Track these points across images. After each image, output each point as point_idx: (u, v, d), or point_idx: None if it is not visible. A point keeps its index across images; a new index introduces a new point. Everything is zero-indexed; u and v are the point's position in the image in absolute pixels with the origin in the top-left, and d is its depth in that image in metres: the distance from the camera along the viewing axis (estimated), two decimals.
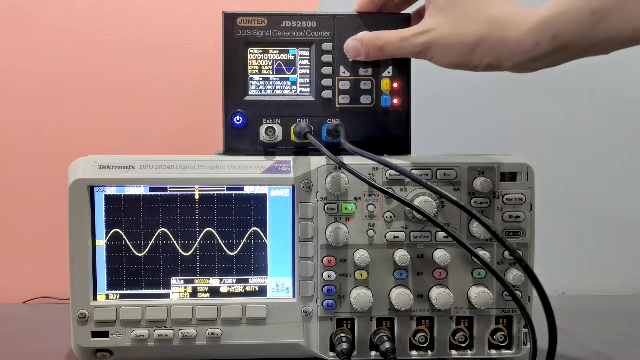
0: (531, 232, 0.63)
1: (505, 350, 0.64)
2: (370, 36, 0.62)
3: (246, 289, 0.64)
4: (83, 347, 0.63)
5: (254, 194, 0.64)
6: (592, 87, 1.01)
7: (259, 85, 0.66)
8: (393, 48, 0.61)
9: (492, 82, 1.00)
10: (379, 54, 0.62)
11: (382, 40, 0.61)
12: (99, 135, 0.96)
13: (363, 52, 0.63)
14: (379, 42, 0.61)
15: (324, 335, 0.63)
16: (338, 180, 0.61)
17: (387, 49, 0.61)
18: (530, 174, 0.63)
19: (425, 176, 0.62)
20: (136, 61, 0.96)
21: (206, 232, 0.64)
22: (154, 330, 0.62)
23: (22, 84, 0.95)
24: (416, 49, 0.59)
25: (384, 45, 0.61)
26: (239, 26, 0.65)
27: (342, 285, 0.63)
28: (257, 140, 0.65)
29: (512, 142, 0.97)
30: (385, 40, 0.61)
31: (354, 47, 0.63)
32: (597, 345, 0.72)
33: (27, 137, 0.95)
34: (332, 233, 0.61)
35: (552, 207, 0.96)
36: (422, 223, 0.63)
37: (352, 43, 0.63)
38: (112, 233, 0.63)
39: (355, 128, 0.66)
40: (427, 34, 0.58)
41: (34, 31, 0.95)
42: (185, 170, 0.63)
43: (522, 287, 0.63)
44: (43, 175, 0.95)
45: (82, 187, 0.62)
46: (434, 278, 0.63)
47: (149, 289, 0.64)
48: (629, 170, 1.01)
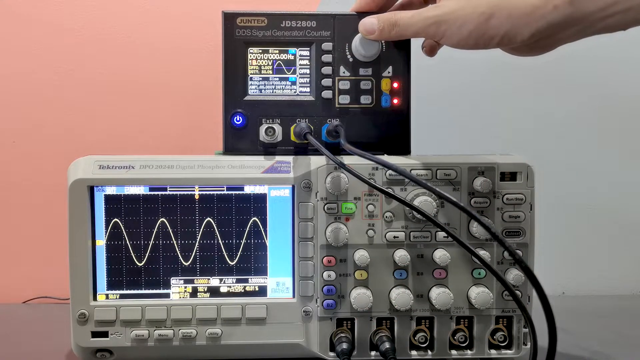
0: (531, 232, 0.63)
1: (505, 350, 0.64)
2: (387, 13, 0.61)
3: (246, 289, 0.64)
4: (83, 347, 0.63)
5: (254, 194, 0.64)
6: (592, 86, 1.01)
7: (259, 85, 0.66)
8: (406, 24, 0.59)
9: (492, 82, 1.00)
10: (393, 30, 0.60)
11: (397, 15, 0.60)
12: (99, 135, 0.96)
13: (378, 29, 0.61)
14: (394, 17, 0.60)
15: (324, 335, 0.63)
16: (338, 181, 0.61)
17: (400, 25, 0.59)
18: (530, 174, 0.63)
19: (425, 176, 0.62)
20: (136, 61, 0.96)
21: (206, 232, 0.64)
22: (154, 330, 0.62)
23: (22, 84, 0.95)
24: (428, 22, 0.57)
25: (397, 20, 0.59)
26: (239, 26, 0.65)
27: (342, 285, 0.63)
28: (257, 141, 0.65)
29: (512, 142, 0.97)
30: (399, 16, 0.60)
31: (370, 22, 0.61)
32: (597, 345, 0.72)
33: (27, 137, 0.95)
34: (332, 233, 0.61)
35: (552, 207, 0.96)
36: (422, 223, 0.63)
37: (368, 20, 0.62)
38: (112, 233, 0.63)
39: (355, 128, 0.66)
40: (440, 8, 0.57)
41: (34, 31, 0.95)
42: (185, 170, 0.63)
43: (522, 287, 0.63)
44: (43, 175, 0.95)
45: (82, 187, 0.62)
46: (434, 278, 0.63)
47: (149, 289, 0.64)
48: (629, 170, 1.01)
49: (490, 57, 0.96)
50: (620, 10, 0.50)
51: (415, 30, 0.59)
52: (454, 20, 0.55)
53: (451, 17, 0.56)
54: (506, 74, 1.00)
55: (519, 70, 0.99)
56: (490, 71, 0.99)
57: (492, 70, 0.99)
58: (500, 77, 1.00)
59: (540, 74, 1.00)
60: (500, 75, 1.00)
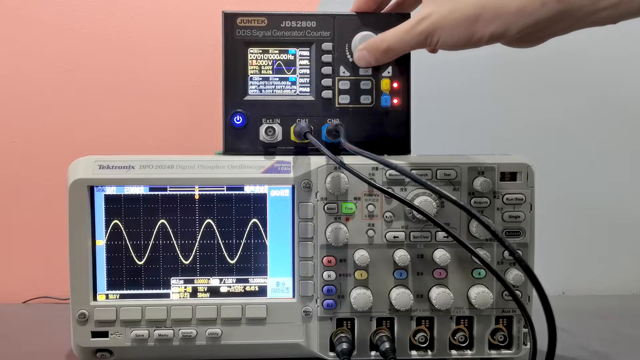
0: (531, 232, 0.63)
1: (505, 350, 0.64)
2: (373, 41, 0.61)
3: (246, 289, 0.64)
4: (83, 347, 0.63)
5: (254, 194, 0.64)
6: (593, 86, 1.01)
7: (259, 85, 0.66)
8: (398, 45, 0.59)
9: (492, 82, 1.00)
10: (387, 55, 0.61)
11: (386, 41, 0.60)
12: (99, 135, 0.96)
13: (372, 59, 0.61)
14: (383, 44, 0.60)
15: (324, 335, 0.63)
16: (338, 180, 0.61)
17: (393, 48, 0.60)
18: (530, 174, 0.63)
19: (425, 176, 0.62)
20: (136, 61, 0.96)
21: (206, 232, 0.64)
22: (154, 330, 0.62)
23: (22, 84, 0.95)
24: (421, 36, 0.57)
25: (388, 45, 0.60)
26: (239, 26, 0.65)
27: (342, 285, 0.63)
28: (257, 140, 0.65)
29: (512, 141, 0.97)
30: (389, 41, 0.60)
31: (363, 57, 0.62)
32: (597, 345, 0.72)
33: (27, 137, 0.95)
34: (332, 233, 0.61)
35: (552, 207, 0.96)
36: (422, 223, 0.63)
37: (359, 54, 0.62)
38: (112, 233, 0.63)
39: (355, 128, 0.66)
40: (427, 19, 0.57)
41: (34, 31, 0.95)
42: (185, 170, 0.63)
43: (522, 287, 0.63)
44: (43, 175, 0.95)
45: (82, 187, 0.62)
46: (434, 278, 0.63)
47: (149, 289, 0.64)
48: (630, 170, 1.01)
49: (491, 57, 0.97)
50: (611, 5, 0.49)
51: (412, 46, 0.59)
52: (444, 27, 0.56)
53: (441, 25, 0.56)
54: (506, 74, 1.00)
55: (519, 70, 0.99)
56: (490, 71, 0.99)
57: (492, 70, 0.99)
58: (500, 77, 1.00)
59: (540, 74, 1.00)
60: (500, 75, 1.00)
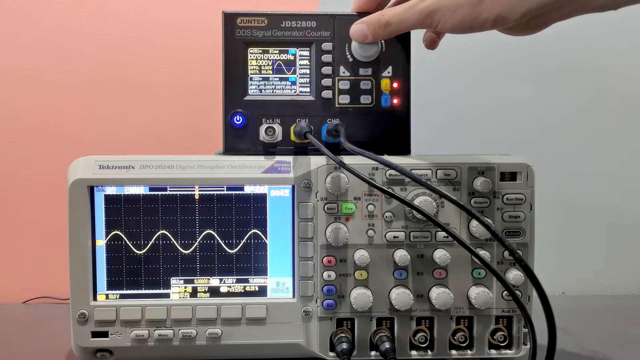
0: (531, 232, 0.63)
1: (505, 350, 0.64)
2: (374, 15, 0.61)
3: (246, 289, 0.64)
4: (83, 347, 0.63)
5: (254, 194, 0.64)
6: (593, 86, 1.01)
7: (259, 85, 0.66)
8: (398, 21, 0.59)
9: (492, 81, 1.00)
10: (386, 31, 0.60)
11: (387, 15, 0.59)
12: (99, 135, 0.96)
13: (370, 33, 0.61)
14: (384, 18, 0.60)
15: (324, 335, 0.63)
16: (338, 180, 0.61)
17: (392, 23, 0.59)
18: (530, 174, 0.63)
19: (425, 176, 0.62)
20: (136, 61, 0.96)
21: (206, 232, 0.64)
22: (154, 330, 0.62)
23: (22, 84, 0.95)
24: (421, 14, 0.57)
25: (389, 20, 0.59)
26: (239, 26, 0.65)
27: (342, 285, 0.63)
28: (257, 140, 0.65)
29: (512, 142, 0.97)
30: (390, 15, 0.59)
31: (360, 29, 0.61)
32: (597, 345, 0.72)
33: (27, 137, 0.95)
34: (332, 233, 0.61)
35: (552, 207, 0.96)
36: (422, 223, 0.63)
37: (357, 26, 0.62)
38: (112, 233, 0.63)
39: (355, 128, 0.66)
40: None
41: (34, 31, 0.95)
42: (185, 170, 0.63)
43: (522, 287, 0.63)
44: (43, 175, 0.95)
45: (82, 187, 0.62)
46: (434, 278, 0.63)
47: (149, 289, 0.64)
48: (630, 170, 1.01)
49: (491, 57, 0.97)
50: None
51: (411, 24, 0.59)
52: (447, 7, 0.56)
53: (444, 5, 0.56)
54: (506, 73, 1.00)
55: (519, 70, 0.99)
56: (490, 71, 0.99)
57: (492, 70, 0.99)
58: (500, 76, 1.00)
59: (540, 73, 1.00)
60: (500, 75, 1.00)
